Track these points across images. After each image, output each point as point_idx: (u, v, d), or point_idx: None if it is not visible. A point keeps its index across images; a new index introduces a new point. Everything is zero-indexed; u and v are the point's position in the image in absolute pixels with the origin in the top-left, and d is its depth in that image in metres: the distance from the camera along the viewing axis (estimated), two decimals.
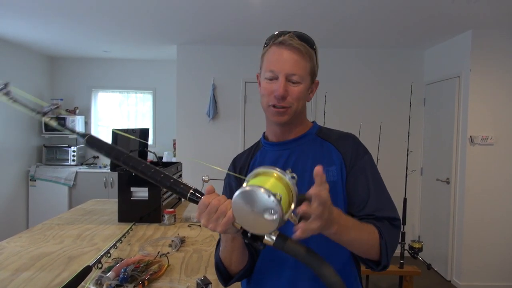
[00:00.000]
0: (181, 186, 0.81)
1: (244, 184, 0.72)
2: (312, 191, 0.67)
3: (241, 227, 0.75)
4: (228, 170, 1.11)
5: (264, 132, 1.10)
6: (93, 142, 0.87)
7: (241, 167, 1.08)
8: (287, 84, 0.93)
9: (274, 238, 0.72)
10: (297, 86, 0.94)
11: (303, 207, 0.67)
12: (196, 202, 0.78)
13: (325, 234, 0.76)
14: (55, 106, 0.90)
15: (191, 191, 0.80)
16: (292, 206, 0.71)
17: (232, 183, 1.07)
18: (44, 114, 0.88)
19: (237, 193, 0.70)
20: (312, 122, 1.09)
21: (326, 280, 0.67)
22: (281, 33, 0.95)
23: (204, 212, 0.76)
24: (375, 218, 0.91)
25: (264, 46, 0.99)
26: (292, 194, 0.71)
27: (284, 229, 0.72)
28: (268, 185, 0.68)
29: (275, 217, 0.66)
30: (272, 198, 0.66)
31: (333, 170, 0.96)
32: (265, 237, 0.73)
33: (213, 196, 0.77)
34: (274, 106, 0.95)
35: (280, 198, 0.66)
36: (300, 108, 0.97)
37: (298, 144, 1.02)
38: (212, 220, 0.75)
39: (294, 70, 0.92)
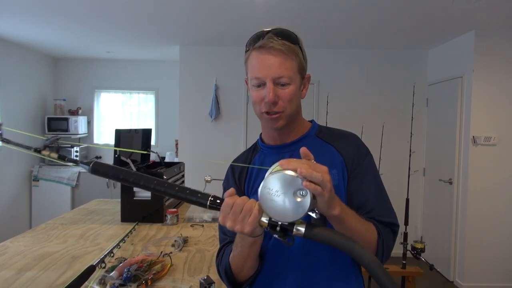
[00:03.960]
0: (199, 195, 0.78)
1: (267, 173, 0.72)
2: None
3: (268, 224, 0.73)
4: (227, 175, 1.08)
5: (261, 134, 1.07)
6: (98, 169, 0.84)
7: (240, 171, 1.04)
8: (276, 88, 0.89)
9: (303, 228, 0.71)
10: (287, 88, 0.90)
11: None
12: (218, 209, 0.76)
13: (329, 216, 0.76)
14: (55, 138, 0.89)
15: (210, 198, 0.77)
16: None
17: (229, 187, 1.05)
18: (43, 148, 0.87)
19: (266, 178, 0.70)
20: (311, 121, 1.06)
21: (361, 260, 0.67)
22: (260, 35, 0.90)
23: (229, 214, 0.74)
24: (376, 221, 0.90)
25: (246, 51, 0.95)
26: None
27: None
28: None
29: (306, 197, 0.67)
30: (300, 176, 0.67)
31: (334, 173, 0.93)
32: (294, 229, 0.71)
33: (236, 197, 0.75)
34: (267, 113, 0.92)
35: None
36: (294, 109, 0.94)
37: (298, 147, 0.98)
38: (239, 220, 0.73)
39: (280, 72, 0.88)
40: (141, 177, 0.82)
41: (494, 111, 3.56)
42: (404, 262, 3.12)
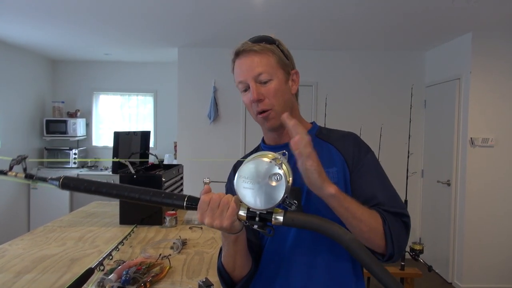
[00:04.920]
0: (174, 197, 0.79)
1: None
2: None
3: (246, 216, 0.74)
4: (229, 175, 1.09)
5: (263, 137, 1.10)
6: (69, 183, 0.82)
7: None
8: (259, 86, 0.93)
9: (281, 216, 0.73)
10: (269, 84, 0.93)
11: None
12: (195, 208, 0.77)
13: (325, 196, 0.77)
14: (22, 157, 0.82)
15: (186, 198, 0.78)
16: (290, 179, 0.73)
17: (234, 189, 1.05)
18: (9, 169, 0.81)
19: (240, 168, 0.72)
20: (312, 122, 1.07)
21: (341, 240, 0.68)
22: (239, 45, 0.97)
23: (207, 210, 0.75)
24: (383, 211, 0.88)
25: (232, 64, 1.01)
26: (287, 169, 0.74)
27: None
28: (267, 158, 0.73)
29: (281, 181, 0.69)
30: (273, 162, 0.70)
31: (334, 171, 0.94)
32: (273, 219, 0.73)
33: (212, 193, 0.77)
34: (259, 113, 0.95)
35: (281, 163, 0.71)
36: (283, 105, 0.95)
37: None
38: (217, 215, 0.75)
39: (258, 70, 0.92)
40: (113, 187, 0.81)
41: (491, 113, 3.57)
42: (402, 263, 3.12)
